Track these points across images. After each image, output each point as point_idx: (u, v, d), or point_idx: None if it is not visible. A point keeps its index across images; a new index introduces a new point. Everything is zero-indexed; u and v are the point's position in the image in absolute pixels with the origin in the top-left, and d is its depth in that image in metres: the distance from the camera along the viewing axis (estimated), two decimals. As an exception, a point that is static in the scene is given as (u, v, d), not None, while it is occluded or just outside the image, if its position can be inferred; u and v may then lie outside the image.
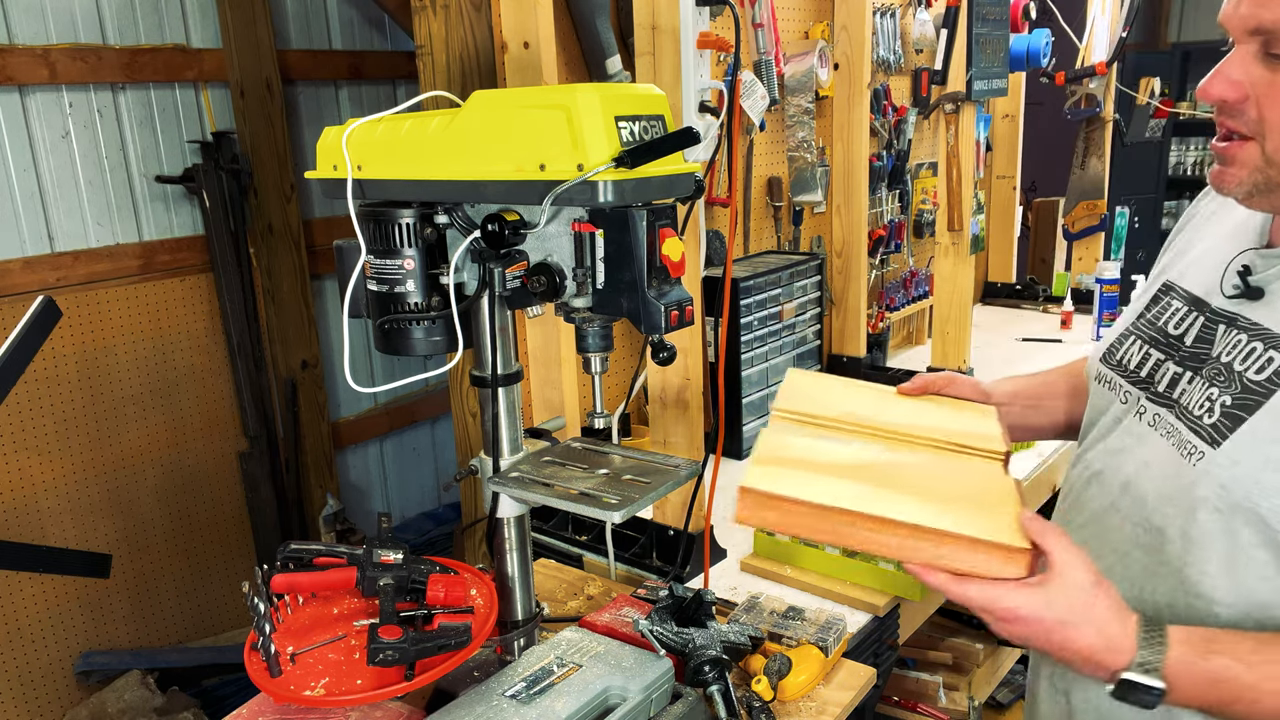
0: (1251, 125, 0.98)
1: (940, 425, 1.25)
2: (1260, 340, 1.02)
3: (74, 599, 3.26)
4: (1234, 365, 1.03)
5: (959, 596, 0.99)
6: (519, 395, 1.34)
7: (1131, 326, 1.23)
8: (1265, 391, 0.99)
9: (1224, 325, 1.08)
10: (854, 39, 2.72)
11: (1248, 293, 1.05)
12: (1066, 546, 0.99)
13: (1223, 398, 1.03)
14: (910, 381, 1.41)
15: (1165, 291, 1.20)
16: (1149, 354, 1.17)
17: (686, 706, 1.25)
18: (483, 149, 1.16)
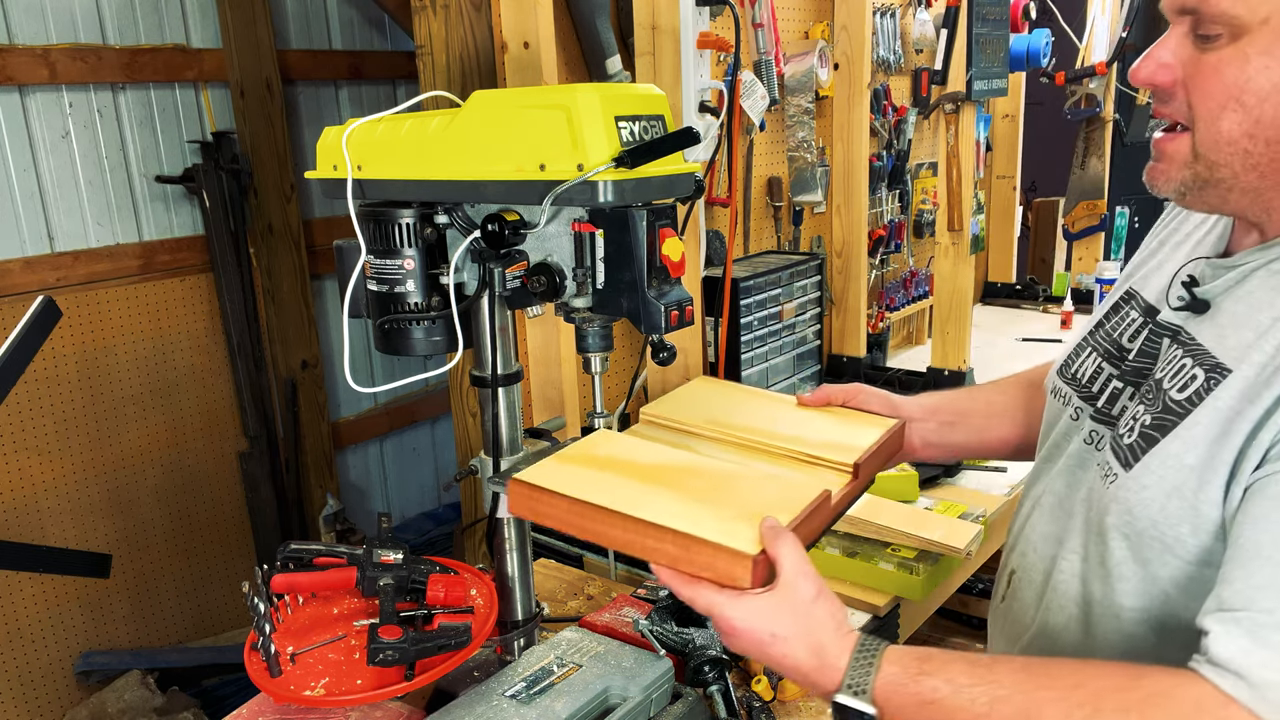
0: (1183, 113, 0.91)
1: (806, 436, 1.23)
2: (1190, 356, 0.94)
3: (74, 599, 3.26)
4: (1163, 382, 0.96)
5: (689, 600, 0.96)
6: (519, 395, 1.34)
7: (1088, 336, 1.15)
8: (1183, 411, 0.92)
9: (1168, 339, 1.00)
10: (854, 39, 2.72)
11: (1193, 305, 0.98)
12: (796, 557, 0.95)
13: (1144, 417, 0.96)
14: (811, 393, 1.37)
15: (1126, 299, 1.12)
16: (1101, 367, 1.09)
17: (686, 706, 1.25)
18: (483, 149, 1.16)
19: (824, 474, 1.17)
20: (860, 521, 1.74)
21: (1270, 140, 0.86)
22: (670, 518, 0.98)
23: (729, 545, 0.94)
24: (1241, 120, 0.86)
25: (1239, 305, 0.93)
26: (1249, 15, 0.83)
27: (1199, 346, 0.94)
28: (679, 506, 1.01)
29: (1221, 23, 0.85)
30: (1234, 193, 0.91)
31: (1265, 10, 0.83)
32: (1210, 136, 0.89)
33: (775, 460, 1.21)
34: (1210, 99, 0.87)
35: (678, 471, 1.11)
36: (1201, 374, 0.92)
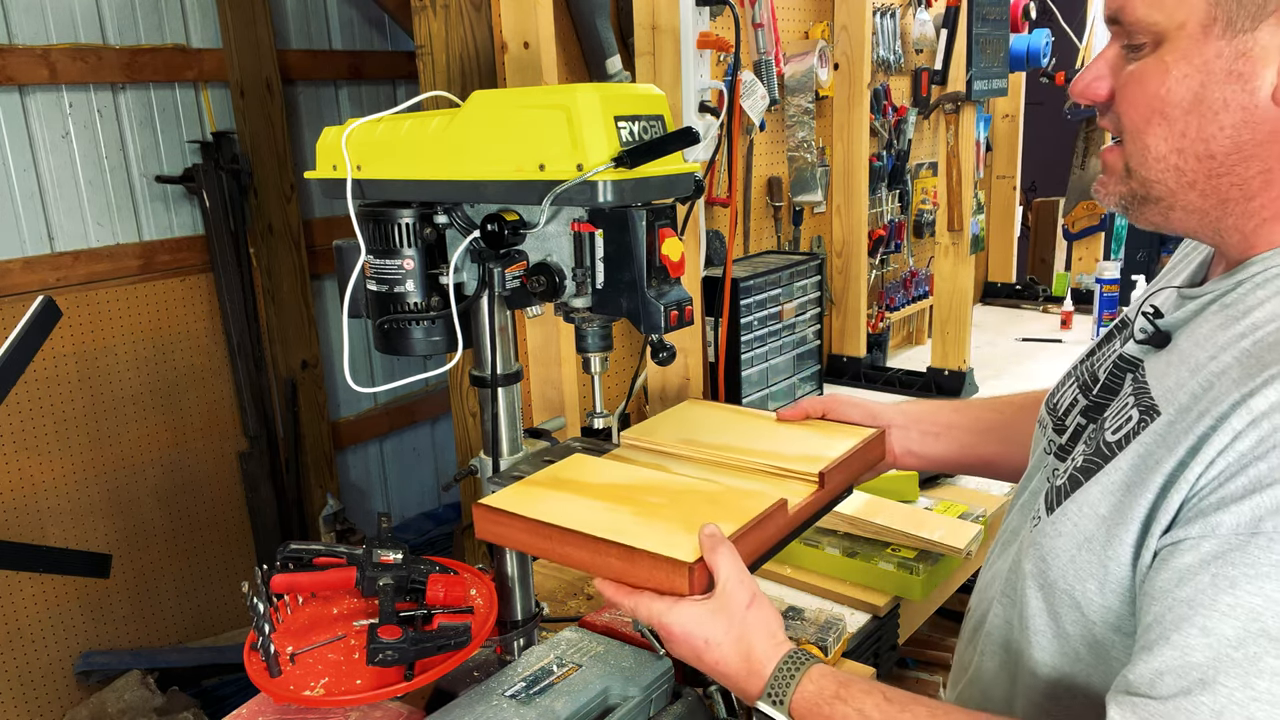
0: (1117, 126, 0.85)
1: (779, 450, 1.25)
2: (1135, 395, 0.86)
3: (74, 599, 3.26)
4: (1106, 421, 0.89)
5: (631, 611, 0.98)
6: (519, 395, 1.34)
7: (1075, 365, 1.07)
8: (1109, 455, 0.84)
9: (1130, 374, 0.91)
10: (854, 39, 2.72)
11: (1154, 338, 0.89)
12: (731, 566, 0.95)
13: (1078, 459, 0.90)
14: (789, 407, 1.37)
15: (1121, 327, 1.02)
16: (1078, 399, 1.00)
17: (686, 706, 1.25)
18: (482, 149, 1.16)
19: (790, 485, 1.18)
20: (860, 521, 1.74)
21: (1200, 155, 0.79)
22: (616, 533, 1.01)
23: (667, 555, 0.96)
24: (1167, 134, 0.80)
25: (1187, 341, 0.85)
26: (1167, 21, 0.77)
27: (1145, 384, 0.86)
28: (631, 522, 1.04)
29: (1142, 31, 0.80)
30: (1175, 211, 0.84)
31: (1181, 15, 0.77)
32: (1138, 151, 0.83)
33: (745, 475, 1.22)
34: (1135, 111, 0.82)
35: (639, 490, 1.14)
36: (1136, 415, 0.84)
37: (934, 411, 1.35)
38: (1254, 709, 0.68)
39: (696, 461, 1.27)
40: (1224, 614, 0.70)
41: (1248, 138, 0.77)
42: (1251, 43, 0.74)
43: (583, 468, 1.23)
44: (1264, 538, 0.69)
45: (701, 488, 1.16)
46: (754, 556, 1.05)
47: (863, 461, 1.27)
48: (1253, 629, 0.69)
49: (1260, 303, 0.79)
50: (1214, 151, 0.79)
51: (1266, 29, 0.74)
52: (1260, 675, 0.68)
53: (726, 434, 1.32)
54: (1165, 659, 0.73)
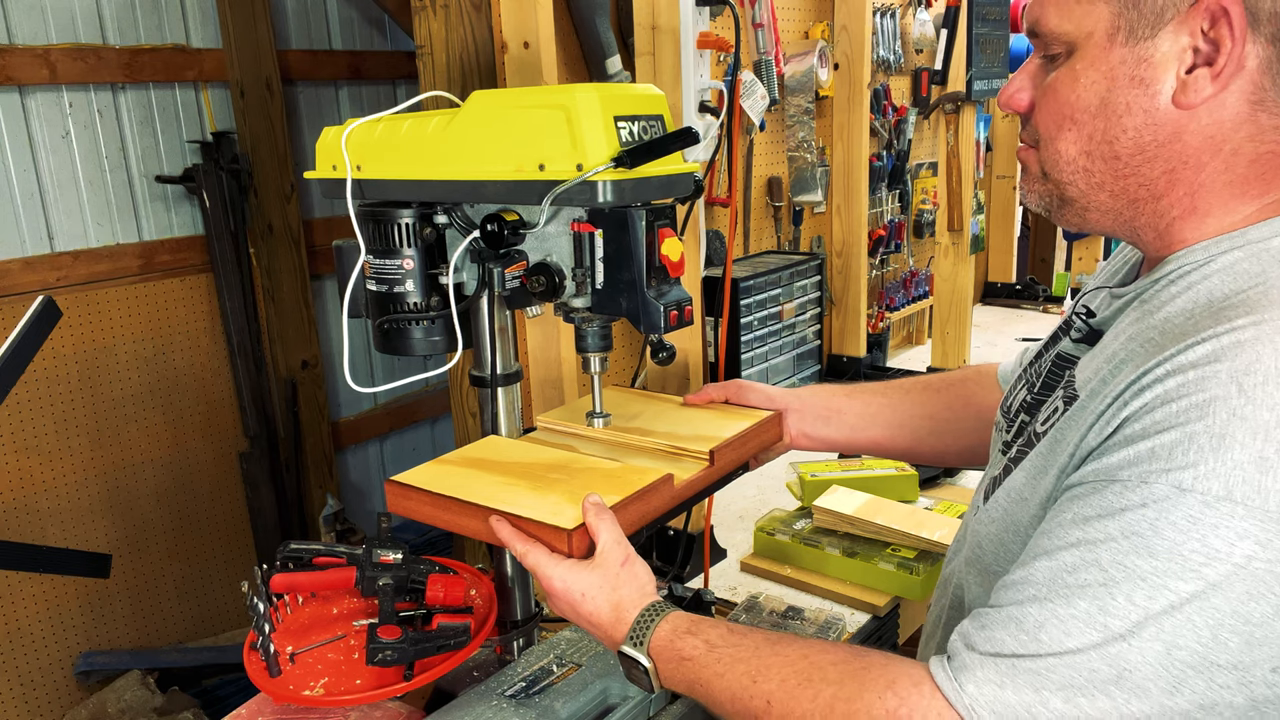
0: (1033, 135, 0.89)
1: (678, 431, 1.32)
2: (1063, 388, 0.90)
3: (74, 599, 3.26)
4: (1039, 414, 0.93)
5: (521, 556, 1.04)
6: (519, 395, 1.34)
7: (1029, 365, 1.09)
8: (1033, 444, 0.90)
9: (1067, 371, 0.94)
10: (854, 39, 2.72)
11: (1088, 336, 0.94)
12: (610, 531, 1.03)
13: (1013, 451, 0.95)
14: (694, 393, 1.43)
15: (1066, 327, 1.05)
16: (1025, 397, 1.04)
17: (686, 706, 1.25)
18: (482, 149, 1.16)
19: (683, 462, 1.25)
20: (860, 521, 1.75)
21: (1106, 157, 0.83)
22: (508, 504, 1.09)
23: (550, 522, 1.05)
24: (1076, 138, 0.84)
25: (1110, 336, 0.89)
26: (1076, 31, 0.82)
27: (1072, 378, 0.90)
28: (526, 495, 1.12)
29: (1056, 41, 0.84)
30: (1090, 212, 0.88)
31: (1089, 24, 0.81)
32: (1051, 156, 0.87)
33: (644, 454, 1.28)
34: (1048, 117, 0.86)
35: (542, 467, 1.21)
36: (1061, 405, 0.88)
37: (827, 396, 1.40)
38: (1070, 625, 0.74)
39: (602, 442, 1.33)
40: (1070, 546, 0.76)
41: (1149, 139, 0.81)
42: (1152, 49, 0.78)
43: (494, 448, 1.29)
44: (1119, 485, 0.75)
45: (600, 465, 1.22)
46: (638, 525, 1.12)
47: (757, 442, 1.33)
48: (1088, 558, 0.74)
49: (1172, 298, 0.82)
50: (1118, 153, 0.82)
51: (1165, 36, 0.78)
52: (1083, 597, 0.74)
53: (636, 417, 1.38)
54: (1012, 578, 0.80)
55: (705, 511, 1.79)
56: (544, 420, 1.42)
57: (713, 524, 1.82)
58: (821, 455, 2.28)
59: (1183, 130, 0.80)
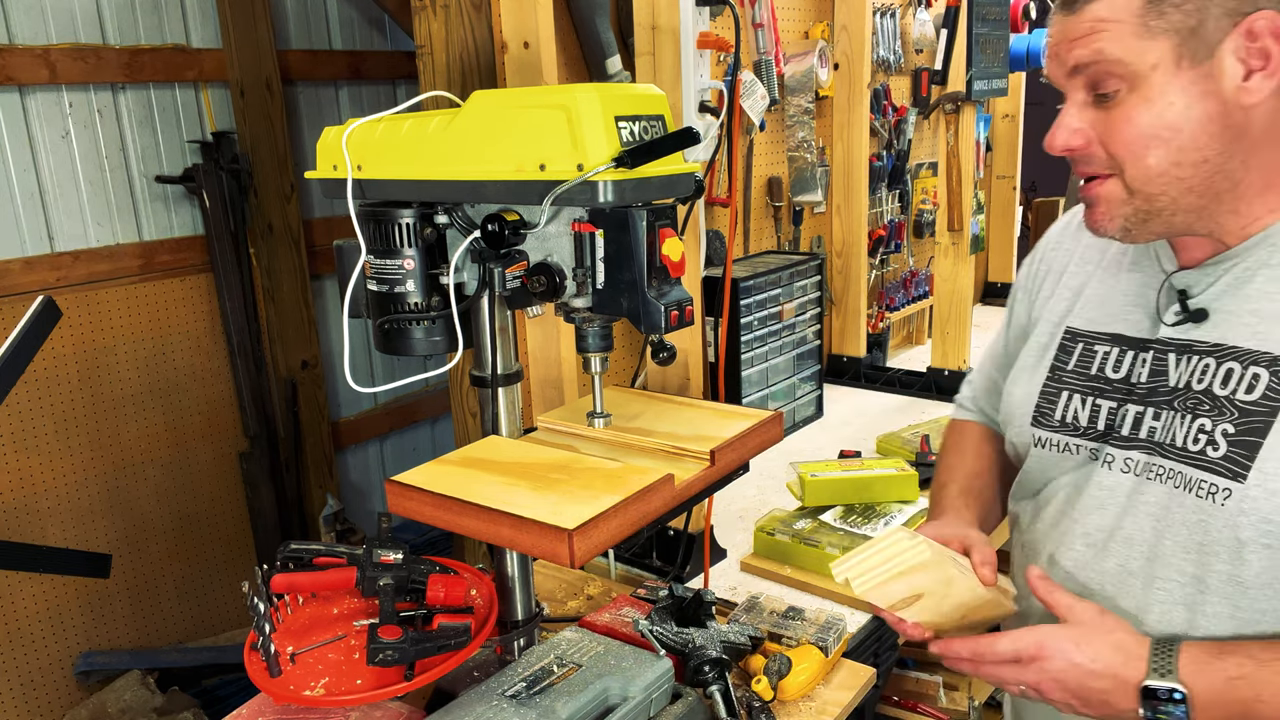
0: (1105, 164, 1.00)
1: (678, 431, 1.32)
2: (1233, 360, 0.99)
3: (74, 599, 3.26)
4: (1214, 391, 1.00)
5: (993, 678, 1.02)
6: (519, 395, 1.34)
7: (1056, 382, 1.17)
8: (1268, 410, 0.96)
9: (1175, 354, 1.05)
10: (854, 39, 2.72)
11: (1191, 316, 1.04)
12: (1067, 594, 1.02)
13: (1221, 426, 0.98)
14: None
15: (1074, 340, 1.16)
16: (1097, 405, 1.12)
17: (686, 706, 1.25)
18: (483, 149, 1.16)
19: (683, 462, 1.25)
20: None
21: (1195, 162, 0.96)
22: (509, 504, 1.08)
23: (551, 522, 1.03)
24: (1166, 153, 0.96)
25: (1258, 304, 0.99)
26: (1139, 62, 0.94)
27: (1234, 349, 0.99)
28: (527, 496, 1.12)
29: (1116, 73, 0.95)
30: (1178, 215, 1.00)
31: (1152, 58, 0.94)
32: (1142, 174, 0.98)
33: (645, 454, 1.28)
34: (1133, 144, 0.97)
35: (543, 467, 1.21)
36: (1264, 373, 0.97)
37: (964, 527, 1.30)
38: None
39: (603, 443, 1.33)
40: None
41: (1229, 138, 0.96)
42: (1214, 67, 0.94)
43: (495, 448, 1.29)
44: None
45: (600, 466, 1.21)
46: (638, 525, 1.12)
47: (757, 442, 1.34)
48: None
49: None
50: (1206, 156, 0.96)
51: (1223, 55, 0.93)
52: None
53: (637, 418, 1.39)
54: None
55: (705, 511, 1.79)
56: (544, 420, 1.42)
57: (713, 524, 1.82)
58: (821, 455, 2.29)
59: (1249, 124, 0.95)
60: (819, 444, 2.48)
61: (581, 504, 1.08)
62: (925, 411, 2.66)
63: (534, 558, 1.29)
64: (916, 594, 1.06)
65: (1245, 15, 0.92)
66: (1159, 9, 0.93)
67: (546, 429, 1.40)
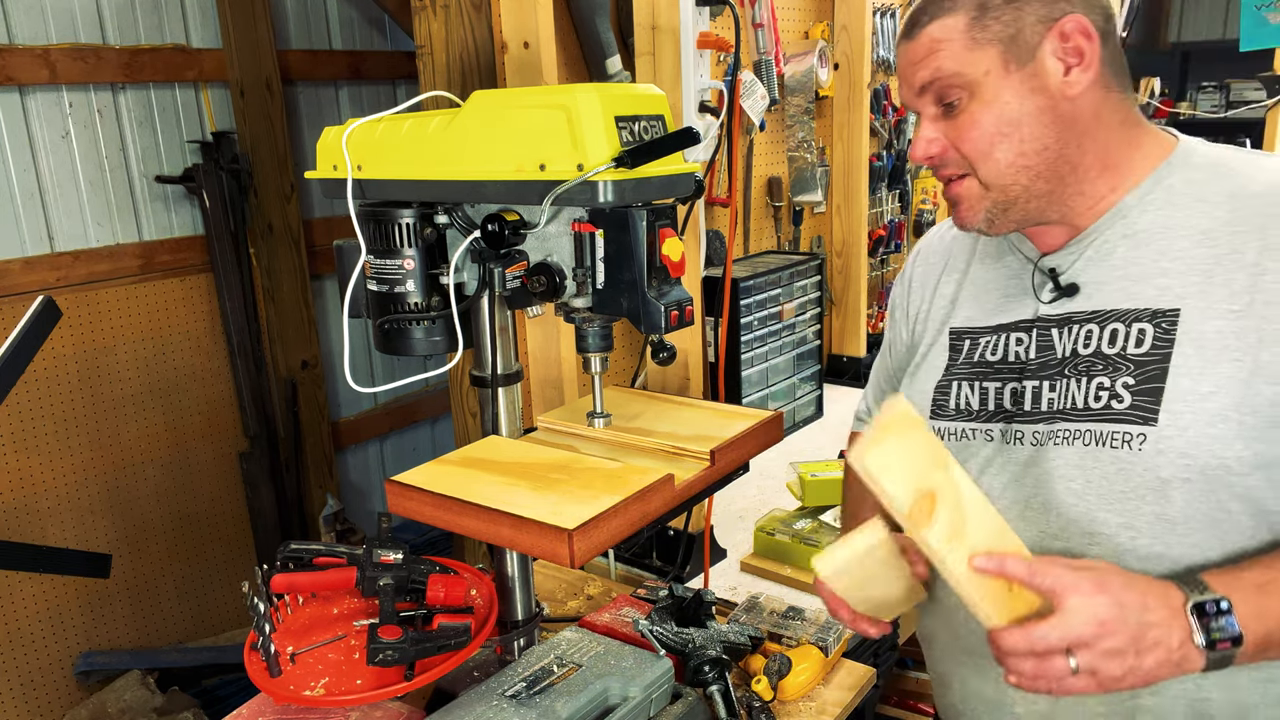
0: (960, 164, 1.09)
1: (679, 431, 1.33)
2: (1116, 320, 1.06)
3: (74, 599, 3.26)
4: (1103, 350, 1.06)
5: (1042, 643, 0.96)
6: (519, 395, 1.34)
7: (947, 376, 1.21)
8: (1161, 357, 1.02)
9: (1056, 328, 1.11)
10: (854, 39, 2.72)
11: (1065, 291, 1.11)
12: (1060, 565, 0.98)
13: (1120, 380, 1.04)
14: None
15: (960, 337, 1.22)
16: (984, 388, 1.17)
17: (686, 706, 1.25)
18: (482, 149, 1.16)
19: (683, 462, 1.25)
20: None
21: (1037, 150, 1.05)
22: (509, 504, 1.09)
23: (551, 522, 1.04)
24: (1010, 146, 1.05)
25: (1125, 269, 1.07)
26: (973, 71, 1.04)
27: (1113, 311, 1.07)
28: (527, 496, 1.12)
29: (956, 84, 1.05)
30: (1032, 202, 1.08)
31: (984, 65, 1.04)
32: (992, 169, 1.07)
33: (645, 454, 1.28)
34: (980, 143, 1.06)
35: (543, 467, 1.21)
36: (1148, 326, 1.04)
37: None
38: None
39: (603, 443, 1.33)
40: None
41: (1061, 125, 1.05)
42: (1037, 66, 1.04)
43: (495, 448, 1.29)
44: None
45: (600, 466, 1.22)
46: (639, 525, 1.12)
47: (757, 442, 1.34)
48: None
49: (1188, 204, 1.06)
50: (1047, 144, 1.06)
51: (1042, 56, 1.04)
52: None
53: (637, 418, 1.39)
54: None
55: (705, 511, 1.79)
56: (544, 420, 1.42)
57: (713, 524, 1.82)
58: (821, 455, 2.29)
59: (1077, 113, 1.05)
60: (819, 444, 2.48)
61: (581, 504, 1.08)
62: (925, 411, 2.66)
63: (534, 558, 1.29)
64: None
65: (1055, 20, 1.03)
66: (982, 23, 1.04)
67: (546, 429, 1.40)
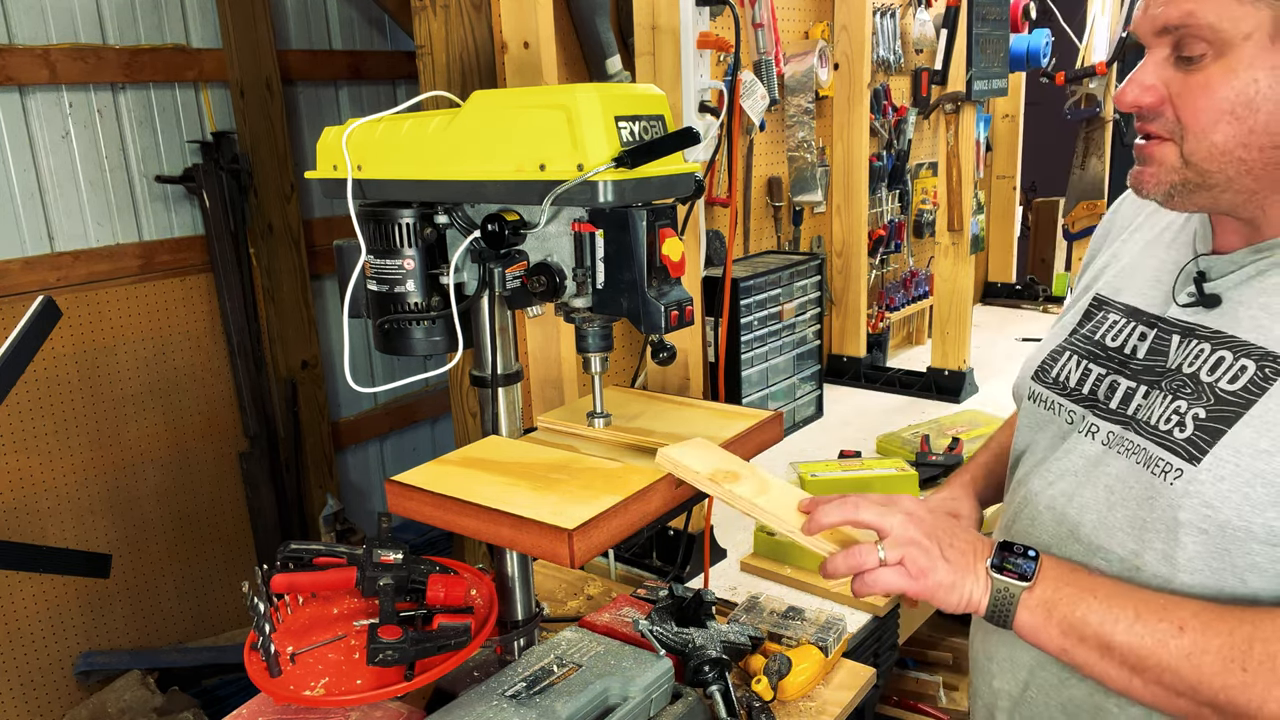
0: (1169, 127, 0.96)
1: (679, 432, 1.32)
2: (1228, 349, 0.98)
3: (74, 599, 3.26)
4: (1200, 376, 0.98)
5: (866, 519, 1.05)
6: (519, 395, 1.34)
7: (1065, 343, 1.17)
8: (1243, 402, 0.94)
9: (1179, 335, 1.03)
10: (854, 39, 2.72)
11: (1203, 300, 1.02)
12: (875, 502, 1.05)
13: (1194, 410, 0.97)
14: None
15: (1098, 306, 1.16)
16: (1089, 369, 1.12)
17: (686, 706, 1.25)
18: (483, 149, 1.16)
19: None
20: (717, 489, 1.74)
21: (1264, 146, 0.91)
22: (509, 504, 1.09)
23: (551, 523, 1.04)
24: (1235, 131, 0.91)
25: (1270, 299, 0.96)
26: (1233, 30, 0.88)
27: (1231, 339, 0.97)
28: (526, 496, 1.12)
29: (1206, 38, 0.90)
30: (1226, 194, 0.96)
31: (1248, 26, 0.87)
32: (1203, 148, 0.93)
33: (646, 454, 1.27)
34: (1202, 114, 0.92)
35: (543, 467, 1.21)
36: (1252, 365, 0.94)
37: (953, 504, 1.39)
38: None
39: (603, 443, 1.32)
40: None
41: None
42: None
43: (495, 448, 1.29)
44: None
45: (601, 466, 1.21)
46: (639, 525, 1.12)
47: (756, 442, 1.34)
48: None
49: None
50: (1279, 143, 0.91)
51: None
52: None
53: (635, 417, 1.39)
54: None
55: (705, 511, 1.79)
56: (544, 420, 1.42)
57: (713, 524, 1.82)
58: (821, 455, 2.29)
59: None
60: (819, 444, 2.48)
61: (581, 504, 1.08)
62: (925, 412, 2.66)
63: (534, 558, 1.29)
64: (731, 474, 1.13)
65: None
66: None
67: (546, 429, 1.40)
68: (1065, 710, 1.09)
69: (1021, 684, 1.14)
